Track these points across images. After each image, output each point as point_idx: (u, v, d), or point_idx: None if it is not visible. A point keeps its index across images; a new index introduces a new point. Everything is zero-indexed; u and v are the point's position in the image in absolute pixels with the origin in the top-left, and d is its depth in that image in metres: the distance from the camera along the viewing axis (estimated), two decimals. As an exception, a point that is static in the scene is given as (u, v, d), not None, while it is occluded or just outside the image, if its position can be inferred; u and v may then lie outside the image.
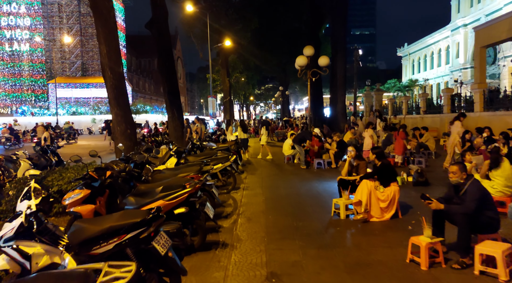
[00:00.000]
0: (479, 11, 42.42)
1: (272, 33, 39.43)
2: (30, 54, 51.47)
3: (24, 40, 51.24)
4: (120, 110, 10.37)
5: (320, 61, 13.08)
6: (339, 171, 10.55)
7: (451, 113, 19.03)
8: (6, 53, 50.88)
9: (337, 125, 24.60)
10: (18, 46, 51.17)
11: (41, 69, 51.91)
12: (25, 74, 51.50)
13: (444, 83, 52.75)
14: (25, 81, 51.30)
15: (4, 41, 50.88)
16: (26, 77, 51.43)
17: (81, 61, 58.06)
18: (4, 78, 50.56)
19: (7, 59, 50.86)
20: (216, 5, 34.50)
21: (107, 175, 4.51)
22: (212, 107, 35.15)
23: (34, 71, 51.76)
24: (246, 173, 11.00)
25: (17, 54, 51.24)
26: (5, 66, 50.82)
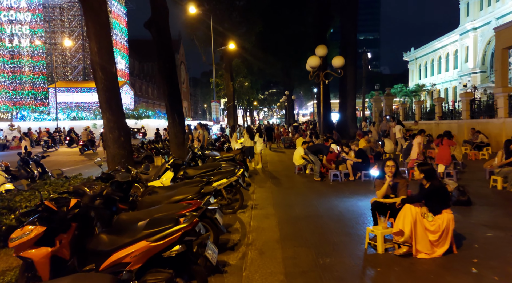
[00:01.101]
0: (489, 14, 41.33)
1: (276, 36, 38.69)
2: (30, 54, 50.82)
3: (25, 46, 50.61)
4: (113, 115, 9.23)
5: (335, 62, 11.90)
6: (359, 184, 9.36)
7: (471, 119, 17.81)
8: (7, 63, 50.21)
9: (347, 132, 23.39)
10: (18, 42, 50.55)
11: (41, 73, 51.20)
12: (26, 80, 50.86)
13: (452, 88, 51.63)
14: (25, 82, 50.63)
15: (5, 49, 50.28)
16: (27, 81, 50.74)
17: (83, 65, 57.38)
18: (4, 75, 49.90)
19: (7, 70, 50.27)
20: (220, 8, 33.66)
21: (71, 204, 3.33)
22: (215, 112, 34.02)
23: (34, 75, 51.07)
24: (254, 185, 9.80)
25: (17, 51, 50.64)
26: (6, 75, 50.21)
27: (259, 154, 13.82)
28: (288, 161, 14.85)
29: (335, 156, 11.00)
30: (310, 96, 73.40)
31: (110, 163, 9.38)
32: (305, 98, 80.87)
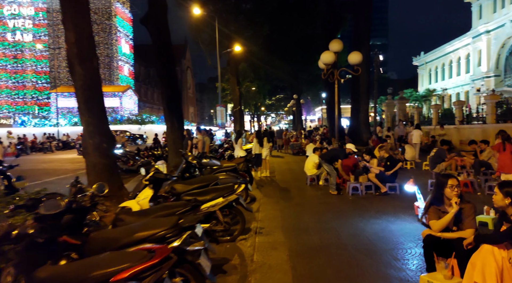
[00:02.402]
0: (504, 16, 39.73)
1: (284, 40, 37.66)
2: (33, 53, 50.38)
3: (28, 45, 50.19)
4: (93, 117, 7.88)
5: (351, 58, 10.45)
6: (384, 200, 7.86)
7: (497, 123, 16.23)
8: (10, 63, 49.74)
9: (360, 137, 21.88)
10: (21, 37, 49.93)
11: (43, 73, 50.76)
12: (28, 86, 50.28)
13: (464, 92, 49.98)
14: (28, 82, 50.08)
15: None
16: (29, 89, 50.17)
17: (87, 70, 56.55)
18: (6, 75, 49.39)
19: (9, 70, 49.79)
20: (226, 10, 32.62)
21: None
22: (220, 117, 32.70)
23: (37, 75, 50.60)
24: (259, 200, 8.35)
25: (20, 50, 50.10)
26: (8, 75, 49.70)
27: (265, 160, 12.41)
28: (299, 170, 13.40)
29: (353, 163, 9.52)
30: (317, 101, 71.99)
31: (90, 173, 8.03)
32: (312, 103, 79.40)
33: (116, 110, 50.19)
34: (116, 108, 50.38)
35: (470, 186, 8.28)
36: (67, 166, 17.78)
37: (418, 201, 5.76)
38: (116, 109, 50.23)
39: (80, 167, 16.68)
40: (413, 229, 5.62)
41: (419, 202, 5.74)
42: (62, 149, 31.59)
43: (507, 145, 8.37)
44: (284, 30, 36.62)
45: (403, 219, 6.21)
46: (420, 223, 5.87)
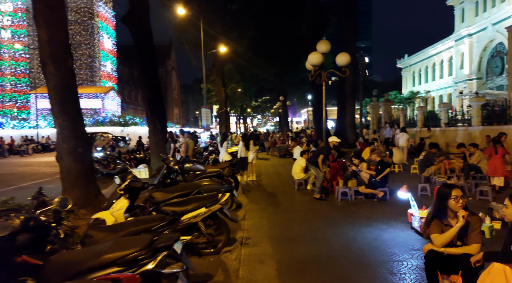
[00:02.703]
0: (485, 20, 40.41)
1: (270, 42, 37.55)
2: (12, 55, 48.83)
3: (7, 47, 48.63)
4: (68, 120, 7.41)
5: (339, 59, 10.19)
6: (374, 205, 7.58)
7: (482, 125, 16.26)
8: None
9: (346, 139, 21.74)
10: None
11: (24, 84, 49.31)
12: (7, 89, 48.81)
13: (447, 95, 50.67)
14: (6, 85, 48.56)
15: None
16: (7, 92, 48.71)
17: (69, 71, 55.36)
18: None
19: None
20: (211, 11, 32.16)
21: None
22: (205, 118, 32.16)
23: (16, 78, 49.07)
24: (245, 206, 7.99)
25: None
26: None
27: (251, 164, 12.05)
28: (286, 173, 13.08)
29: (341, 167, 9.25)
30: (303, 103, 72.03)
31: (64, 179, 7.55)
32: (298, 105, 79.43)
33: (98, 111, 49.11)
34: (98, 110, 49.30)
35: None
36: (45, 170, 17.07)
37: (412, 208, 5.49)
38: (98, 111, 49.15)
39: (58, 171, 16.02)
40: (406, 238, 5.34)
41: (413, 209, 5.47)
42: (42, 152, 30.61)
43: (498, 148, 8.22)
44: (270, 32, 36.48)
45: (395, 226, 5.93)
46: (413, 231, 5.61)
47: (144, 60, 13.92)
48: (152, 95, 14.16)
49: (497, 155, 8.20)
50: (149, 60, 14.00)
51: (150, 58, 14.02)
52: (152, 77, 14.14)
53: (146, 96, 14.32)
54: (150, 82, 14.13)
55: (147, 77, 14.06)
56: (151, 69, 14.09)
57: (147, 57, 13.91)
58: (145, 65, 13.98)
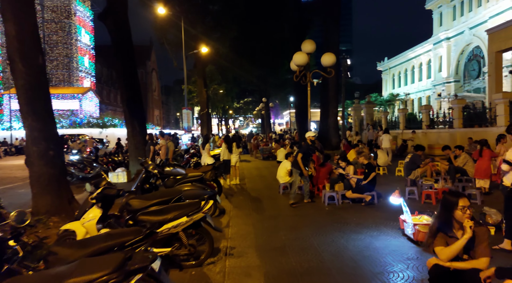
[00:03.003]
0: (463, 24, 41.30)
1: (252, 43, 37.41)
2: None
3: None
4: (38, 121, 6.90)
5: (324, 59, 9.97)
6: (361, 210, 7.34)
7: (464, 128, 16.38)
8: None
9: (329, 141, 21.65)
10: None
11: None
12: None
13: (426, 97, 51.57)
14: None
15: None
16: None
17: (45, 70, 53.78)
18: None
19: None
20: (192, 11, 31.68)
21: None
22: (187, 120, 31.59)
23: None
24: (229, 212, 7.62)
25: None
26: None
27: (234, 167, 11.68)
28: (270, 176, 12.78)
29: (328, 171, 9.00)
30: (285, 105, 72.09)
31: (34, 185, 7.02)
32: (280, 107, 79.47)
33: (75, 113, 47.78)
34: (75, 111, 47.96)
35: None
36: (17, 173, 16.24)
37: (405, 214, 5.26)
38: (75, 112, 47.82)
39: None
40: (399, 246, 5.09)
41: (406, 216, 5.24)
42: (16, 155, 29.42)
43: (484, 150, 8.13)
44: (252, 33, 36.29)
45: (387, 233, 5.69)
46: (405, 238, 5.38)
47: (123, 59, 13.39)
48: (130, 96, 13.64)
49: (483, 157, 8.11)
50: (128, 59, 13.48)
51: (129, 57, 13.51)
52: (130, 77, 13.63)
53: (124, 97, 13.79)
54: (128, 82, 13.61)
55: (126, 77, 13.54)
56: (129, 69, 13.58)
57: (126, 56, 13.39)
58: (123, 64, 13.45)
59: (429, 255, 4.67)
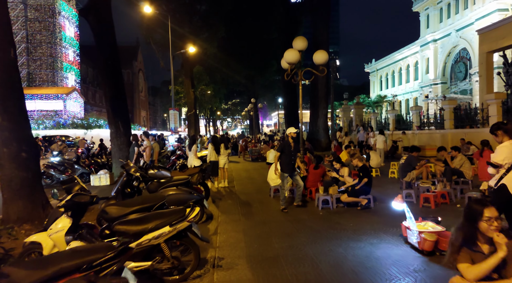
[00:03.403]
0: (449, 26, 41.67)
1: (240, 44, 37.11)
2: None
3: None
4: (9, 120, 6.33)
5: (317, 57, 9.58)
6: (357, 215, 6.94)
7: (455, 129, 16.22)
8: None
9: (319, 143, 21.36)
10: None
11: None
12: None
13: (413, 99, 51.93)
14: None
15: None
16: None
17: (27, 70, 52.61)
18: None
19: None
20: (180, 11, 31.13)
21: None
22: (174, 121, 30.93)
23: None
24: (217, 218, 7.15)
25: None
26: None
27: (223, 169, 11.20)
28: (260, 178, 12.33)
29: (321, 174, 8.60)
30: (274, 106, 71.82)
31: (5, 190, 6.45)
32: (269, 108, 79.16)
33: (59, 113, 46.58)
34: (59, 112, 46.77)
35: (447, 197, 7.62)
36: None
37: (408, 220, 4.86)
38: (59, 113, 46.63)
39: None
40: (403, 256, 4.69)
41: (410, 222, 4.84)
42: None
43: (485, 151, 7.85)
44: (240, 33, 36.04)
45: (388, 241, 5.29)
46: (409, 246, 4.99)
47: (105, 57, 12.80)
48: (114, 94, 13.06)
49: (485, 158, 7.82)
50: (111, 56, 12.89)
51: (112, 54, 12.92)
52: (114, 75, 13.04)
53: (107, 97, 13.20)
54: (112, 80, 13.02)
55: (109, 74, 12.96)
56: (113, 66, 12.99)
57: (109, 53, 12.80)
58: (106, 62, 12.87)
59: (436, 265, 4.29)
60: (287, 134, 7.78)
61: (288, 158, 7.59)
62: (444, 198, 7.54)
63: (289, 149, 7.61)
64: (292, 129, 7.77)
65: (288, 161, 7.59)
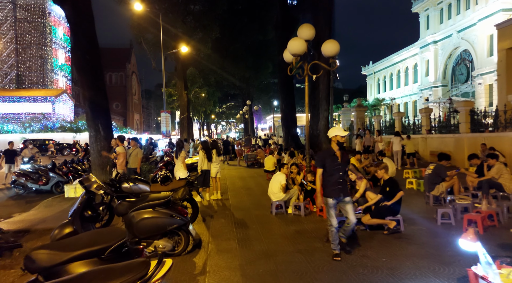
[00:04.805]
0: (450, 27, 40.57)
1: (235, 45, 36.14)
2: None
3: None
4: None
5: (326, 48, 8.09)
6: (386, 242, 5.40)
7: (472, 133, 14.81)
8: None
9: (319, 147, 19.82)
10: None
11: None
12: None
13: (412, 102, 50.79)
14: None
15: None
16: None
17: (16, 72, 51.01)
18: None
19: None
20: (173, 10, 29.92)
21: None
22: (165, 124, 29.39)
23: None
24: (207, 246, 5.60)
25: None
26: None
27: (215, 179, 9.67)
28: (257, 188, 10.82)
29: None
30: (269, 110, 70.41)
31: None
32: (264, 112, 77.70)
33: (47, 116, 44.90)
34: (47, 115, 45.09)
35: (495, 218, 6.09)
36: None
37: (483, 267, 3.34)
38: (47, 116, 44.94)
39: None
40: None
41: (488, 271, 3.31)
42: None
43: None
44: (235, 34, 35.07)
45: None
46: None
47: (83, 52, 11.25)
48: (93, 94, 11.51)
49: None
50: (90, 51, 11.34)
51: (91, 48, 11.37)
52: (93, 72, 11.49)
53: (86, 95, 11.66)
54: (91, 78, 11.48)
55: (86, 72, 11.40)
56: (92, 62, 11.43)
57: (87, 47, 11.25)
58: (84, 57, 11.32)
59: None
60: (331, 138, 5.16)
61: (334, 175, 5.02)
62: (491, 219, 6.04)
63: (334, 161, 5.04)
64: (337, 130, 5.12)
65: (335, 180, 5.01)
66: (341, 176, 5.02)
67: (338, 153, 5.02)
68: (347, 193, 5.07)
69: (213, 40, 31.28)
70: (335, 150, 5.04)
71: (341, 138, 5.03)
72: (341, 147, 5.10)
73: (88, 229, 4.76)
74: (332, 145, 5.11)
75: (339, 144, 5.03)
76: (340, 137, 5.01)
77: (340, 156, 5.03)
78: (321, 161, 5.10)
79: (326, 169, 5.01)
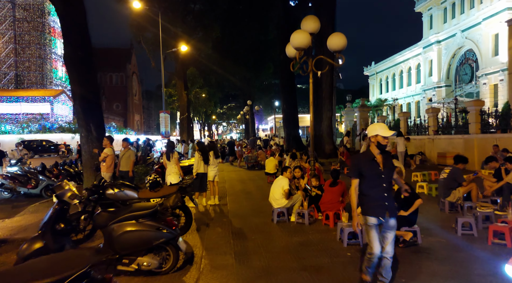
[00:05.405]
0: (454, 26, 39.93)
1: (236, 45, 35.73)
2: None
3: None
4: None
5: (332, 41, 7.46)
6: (409, 260, 4.72)
7: (482, 133, 14.16)
8: None
9: (322, 148, 19.22)
10: None
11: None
12: None
13: (415, 103, 50.13)
14: None
15: None
16: None
17: (15, 72, 50.58)
18: None
19: None
20: (173, 9, 29.41)
21: None
22: (164, 124, 28.76)
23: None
24: (200, 261, 4.97)
25: None
26: None
27: (212, 182, 9.04)
28: (257, 193, 10.19)
29: (341, 193, 6.47)
30: (270, 110, 69.76)
31: None
32: (265, 112, 77.10)
33: (46, 117, 44.41)
34: (46, 115, 44.60)
35: None
36: None
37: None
38: (46, 116, 44.45)
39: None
40: None
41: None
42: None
43: None
44: (236, 34, 34.56)
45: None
46: None
47: (74, 46, 10.64)
48: (84, 93, 10.89)
49: None
50: (80, 46, 10.73)
51: (82, 43, 10.75)
52: (83, 70, 10.87)
53: (77, 94, 11.06)
54: (82, 76, 10.86)
55: (78, 69, 10.79)
56: (83, 59, 10.82)
57: (77, 42, 10.64)
58: (75, 53, 10.70)
59: None
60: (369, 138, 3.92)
61: (376, 188, 3.81)
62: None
63: (375, 168, 3.81)
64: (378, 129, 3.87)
65: (377, 194, 3.79)
66: (385, 189, 3.77)
67: (379, 158, 3.80)
68: (393, 213, 3.82)
69: (214, 40, 30.84)
70: (375, 154, 3.81)
71: (383, 140, 3.77)
72: (383, 150, 3.85)
73: (62, 243, 4.15)
74: (371, 148, 3.86)
75: (380, 146, 3.79)
76: (381, 138, 3.77)
77: (382, 161, 3.80)
78: (356, 168, 3.85)
79: (364, 179, 3.81)
